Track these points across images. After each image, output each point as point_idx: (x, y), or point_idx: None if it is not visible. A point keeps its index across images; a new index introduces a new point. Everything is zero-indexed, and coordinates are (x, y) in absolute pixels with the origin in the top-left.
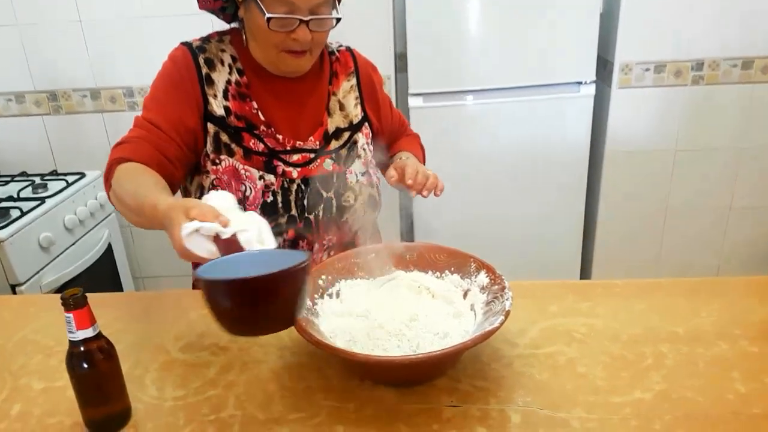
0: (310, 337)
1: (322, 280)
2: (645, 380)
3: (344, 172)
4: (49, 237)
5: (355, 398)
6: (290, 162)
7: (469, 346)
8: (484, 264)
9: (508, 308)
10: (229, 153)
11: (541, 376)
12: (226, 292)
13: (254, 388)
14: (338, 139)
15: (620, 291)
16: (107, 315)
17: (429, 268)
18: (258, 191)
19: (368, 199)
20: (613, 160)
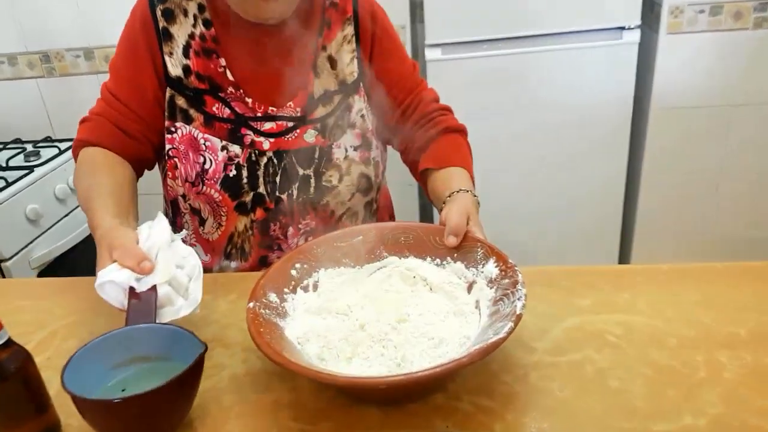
0: (266, 349)
1: (296, 270)
2: (697, 400)
3: (329, 146)
4: (36, 209)
5: (328, 418)
6: (261, 131)
7: (464, 364)
8: (494, 251)
9: (519, 311)
10: (186, 119)
11: (563, 393)
12: (82, 409)
13: (209, 400)
14: (326, 105)
15: (666, 278)
16: (70, 304)
17: (428, 254)
18: (219, 164)
19: (358, 180)
20: (659, 117)
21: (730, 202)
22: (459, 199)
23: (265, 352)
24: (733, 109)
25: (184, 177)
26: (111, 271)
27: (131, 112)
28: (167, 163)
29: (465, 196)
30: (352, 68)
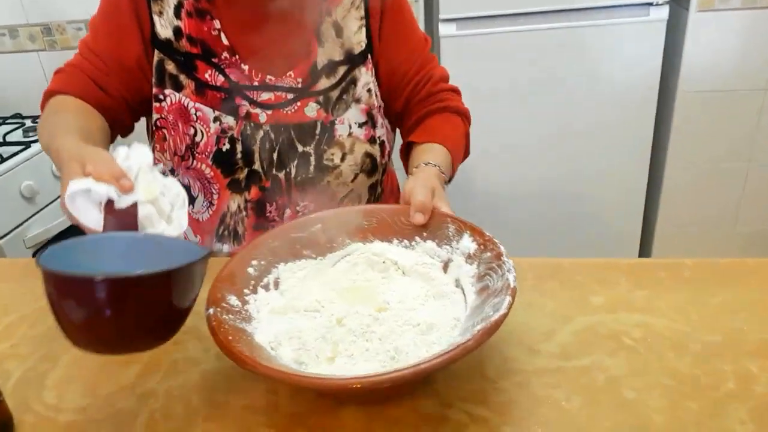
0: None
1: (253, 268)
2: (724, 417)
3: (332, 122)
4: (31, 186)
5: (303, 425)
6: (258, 102)
7: (470, 348)
8: (466, 224)
9: (513, 284)
10: (175, 86)
11: (569, 404)
12: (69, 292)
13: (176, 401)
14: (330, 77)
15: (692, 275)
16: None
17: (394, 236)
18: (211, 137)
19: (362, 160)
20: (687, 101)
21: (761, 192)
22: (422, 172)
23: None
24: (765, 94)
25: (173, 150)
26: (86, 182)
27: (109, 69)
28: (155, 135)
29: (429, 170)
30: (360, 37)
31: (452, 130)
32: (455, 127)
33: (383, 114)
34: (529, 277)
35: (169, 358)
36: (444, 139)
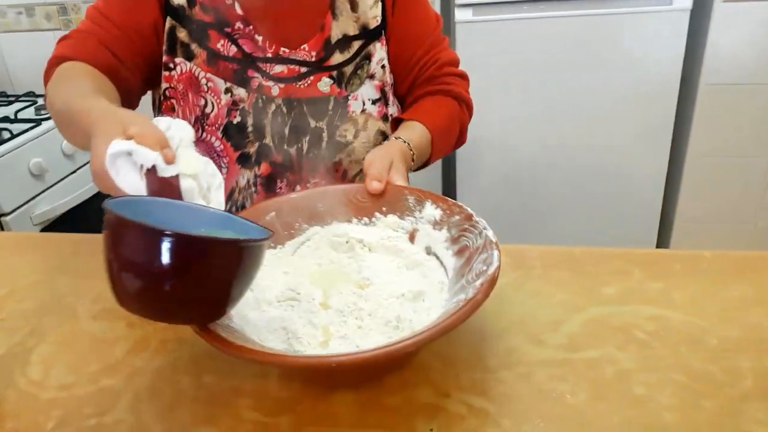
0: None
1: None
2: (740, 417)
3: (346, 97)
4: (40, 163)
5: (292, 411)
6: (270, 74)
7: (479, 301)
8: (425, 193)
9: (494, 239)
10: (186, 55)
11: (575, 398)
12: (151, 247)
13: (162, 381)
14: (344, 51)
15: (709, 267)
16: (38, 262)
17: (353, 216)
18: (222, 108)
19: (375, 138)
20: (709, 95)
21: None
22: (386, 145)
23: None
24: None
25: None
26: (130, 144)
27: (123, 34)
28: (162, 105)
29: (395, 143)
30: (375, 12)
31: (441, 113)
32: (446, 111)
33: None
34: (537, 265)
35: (158, 338)
36: (427, 120)
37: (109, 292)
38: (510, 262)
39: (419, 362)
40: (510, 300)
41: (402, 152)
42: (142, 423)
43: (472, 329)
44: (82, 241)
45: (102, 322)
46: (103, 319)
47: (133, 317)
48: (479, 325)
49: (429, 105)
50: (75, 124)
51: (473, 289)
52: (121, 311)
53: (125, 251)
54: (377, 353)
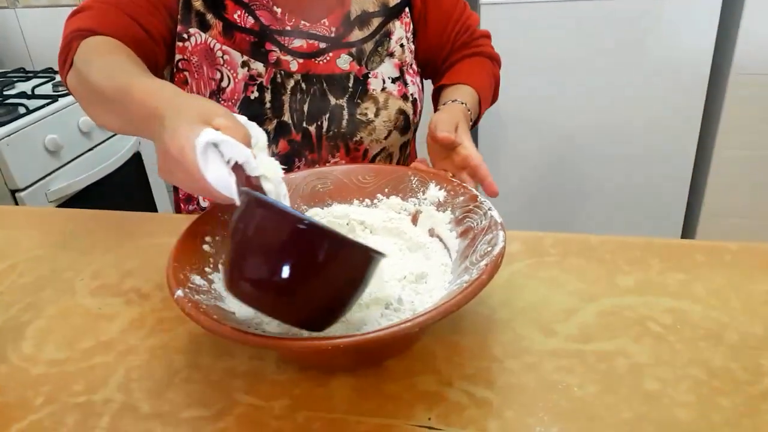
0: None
1: (207, 245)
2: (759, 417)
3: (366, 75)
4: (55, 140)
5: (287, 395)
6: (290, 49)
7: (484, 282)
8: (429, 174)
9: (499, 219)
10: (201, 26)
11: (583, 391)
12: (296, 237)
13: (156, 361)
14: (363, 28)
15: (733, 260)
16: (41, 236)
17: (353, 197)
18: (239, 83)
19: (396, 117)
20: (740, 83)
21: None
22: (448, 108)
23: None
24: None
25: (195, 94)
26: (223, 136)
27: (147, 2)
28: (175, 78)
29: (455, 106)
30: None
31: (481, 73)
32: (485, 71)
33: (415, 72)
34: (552, 252)
35: (156, 317)
36: (473, 81)
37: (109, 268)
38: (524, 248)
39: (423, 349)
40: (521, 287)
41: (464, 114)
42: (132, 402)
43: (480, 317)
44: (85, 217)
45: (99, 297)
46: (101, 295)
47: (131, 294)
48: (488, 313)
49: (470, 67)
50: (120, 104)
51: (477, 270)
52: (120, 288)
53: (259, 234)
54: (375, 336)
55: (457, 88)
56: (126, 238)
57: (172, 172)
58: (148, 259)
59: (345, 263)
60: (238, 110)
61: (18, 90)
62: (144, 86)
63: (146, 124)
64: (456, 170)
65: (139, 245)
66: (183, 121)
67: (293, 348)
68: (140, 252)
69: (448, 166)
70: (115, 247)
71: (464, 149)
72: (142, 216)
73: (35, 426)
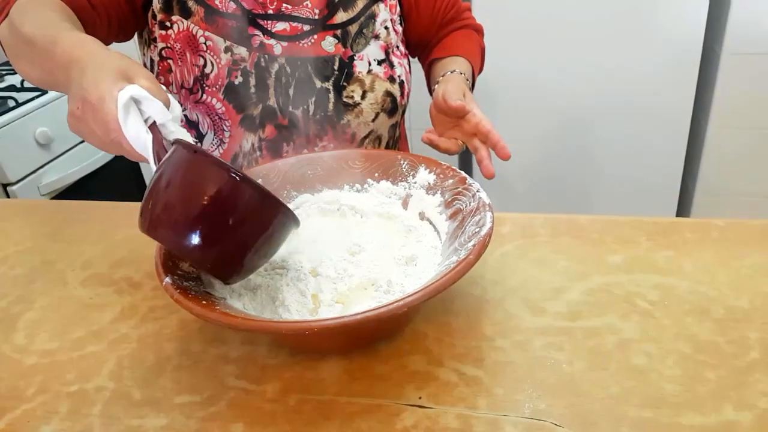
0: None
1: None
2: (744, 390)
3: (351, 57)
4: (46, 132)
5: (278, 378)
6: (273, 32)
7: (472, 261)
8: (419, 158)
9: (487, 201)
10: (183, 13)
11: (572, 367)
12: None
13: (147, 349)
14: (348, 10)
15: (721, 236)
16: (29, 227)
17: (344, 182)
18: (222, 68)
19: (383, 99)
20: (732, 63)
21: None
22: (451, 79)
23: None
24: None
25: (180, 82)
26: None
27: None
28: (159, 66)
29: (456, 76)
30: None
31: (471, 45)
32: (474, 42)
33: (402, 54)
34: (541, 232)
35: (147, 305)
36: (464, 52)
37: (99, 259)
38: (514, 230)
39: (414, 330)
40: (512, 268)
41: (465, 83)
42: (124, 390)
43: (471, 297)
44: (74, 207)
45: (91, 288)
46: (92, 286)
47: (122, 284)
48: (479, 294)
49: (460, 40)
50: (45, 53)
51: (465, 250)
52: (111, 277)
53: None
54: (363, 317)
55: (452, 59)
56: (116, 228)
57: (85, 122)
58: (138, 249)
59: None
60: (223, 96)
61: (7, 83)
62: (71, 37)
63: (66, 73)
64: (466, 137)
65: (129, 235)
66: (106, 74)
67: (282, 330)
68: (130, 242)
69: (458, 134)
70: (105, 237)
71: (474, 116)
72: (132, 206)
73: (28, 415)
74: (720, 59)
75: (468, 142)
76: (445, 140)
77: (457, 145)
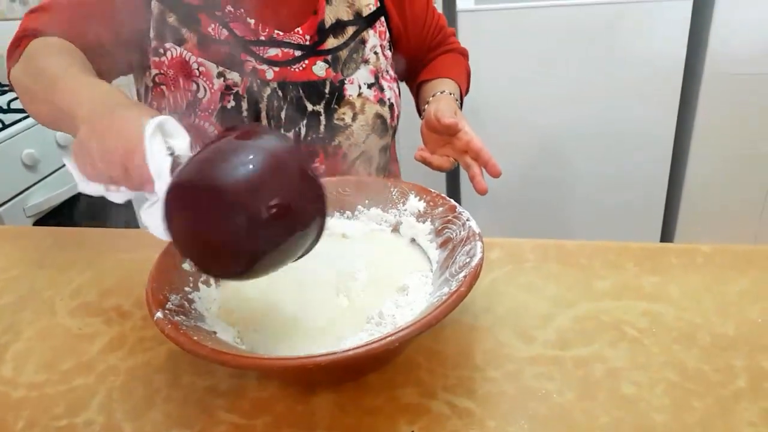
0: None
1: (186, 263)
2: (731, 418)
3: (342, 81)
4: (33, 154)
5: (269, 412)
6: (264, 58)
7: (464, 294)
8: (409, 185)
9: (477, 230)
10: (176, 40)
11: (563, 398)
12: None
13: (136, 381)
14: (338, 36)
15: (706, 261)
16: (15, 254)
17: (334, 209)
18: (215, 93)
19: (373, 121)
20: (713, 84)
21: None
22: (443, 98)
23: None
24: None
25: (173, 107)
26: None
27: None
28: (153, 91)
29: (447, 96)
30: (368, 0)
31: (458, 68)
32: (460, 65)
33: (391, 78)
34: (530, 258)
35: (136, 336)
36: (451, 74)
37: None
38: (503, 255)
39: (405, 360)
40: (501, 294)
41: (455, 102)
42: (113, 423)
43: (461, 324)
44: (62, 234)
45: (79, 318)
46: (81, 315)
47: (111, 313)
48: (469, 321)
49: (447, 63)
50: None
51: (456, 282)
52: (100, 306)
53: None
54: (358, 352)
55: (440, 81)
56: (105, 254)
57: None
58: (128, 276)
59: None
60: (216, 119)
61: None
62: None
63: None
64: (458, 154)
65: (118, 261)
66: (133, 108)
67: (273, 367)
68: (120, 268)
69: (449, 152)
70: (94, 264)
71: (465, 134)
72: (121, 232)
73: None
74: (702, 80)
75: (460, 159)
76: (438, 158)
77: (449, 162)
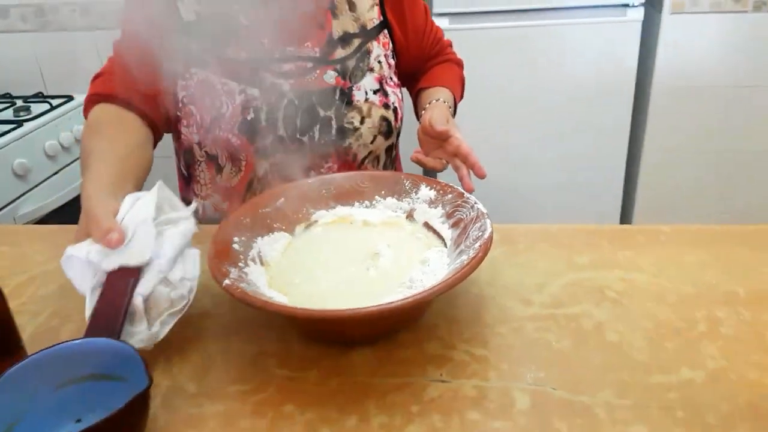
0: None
1: (236, 244)
2: (696, 355)
3: (350, 88)
4: (24, 164)
5: (316, 366)
6: (281, 72)
7: (481, 258)
8: (420, 177)
9: (485, 211)
10: (201, 64)
11: (560, 345)
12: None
13: (191, 349)
14: (345, 47)
15: (668, 239)
16: (48, 251)
17: (354, 200)
18: (236, 107)
19: (379, 123)
20: (661, 96)
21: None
22: (437, 106)
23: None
24: (734, 90)
25: (199, 123)
26: (79, 246)
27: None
28: (181, 111)
29: (440, 104)
30: (373, 15)
31: (453, 77)
32: (455, 74)
33: (395, 84)
34: (522, 240)
35: None
36: (447, 83)
37: None
38: (499, 238)
39: (427, 322)
40: (501, 269)
41: (448, 110)
42: (178, 385)
43: (469, 294)
44: None
45: None
46: None
47: None
48: (476, 291)
49: (443, 72)
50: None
51: (473, 250)
52: None
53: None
54: (398, 304)
55: (436, 89)
56: None
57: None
58: None
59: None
60: (238, 131)
61: None
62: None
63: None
64: (449, 157)
65: None
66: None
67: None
68: None
69: (442, 154)
70: None
71: (455, 140)
72: None
73: None
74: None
75: (450, 161)
76: (431, 159)
77: (441, 163)
